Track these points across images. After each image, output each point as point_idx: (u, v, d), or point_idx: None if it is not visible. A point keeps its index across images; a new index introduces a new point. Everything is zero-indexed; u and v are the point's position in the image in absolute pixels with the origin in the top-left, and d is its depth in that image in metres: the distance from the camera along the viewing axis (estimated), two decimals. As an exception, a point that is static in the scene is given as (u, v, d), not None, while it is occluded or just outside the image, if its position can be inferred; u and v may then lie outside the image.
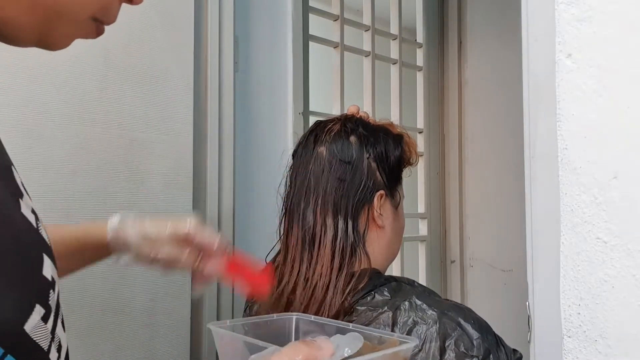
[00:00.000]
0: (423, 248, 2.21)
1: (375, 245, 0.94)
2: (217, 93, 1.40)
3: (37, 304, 0.43)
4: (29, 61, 1.06)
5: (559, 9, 0.72)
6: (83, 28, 0.54)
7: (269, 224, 1.04)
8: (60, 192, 1.10)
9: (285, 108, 1.63)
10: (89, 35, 0.56)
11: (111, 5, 0.55)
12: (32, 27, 0.51)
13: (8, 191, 0.45)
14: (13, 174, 0.47)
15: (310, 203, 0.92)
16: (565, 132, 0.71)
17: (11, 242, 0.42)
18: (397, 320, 0.83)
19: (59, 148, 1.10)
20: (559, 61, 0.71)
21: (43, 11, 0.50)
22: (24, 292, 0.42)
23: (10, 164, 0.48)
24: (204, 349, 1.33)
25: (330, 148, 0.94)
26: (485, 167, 2.26)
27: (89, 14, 0.53)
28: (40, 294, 0.44)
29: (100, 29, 0.57)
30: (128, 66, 1.20)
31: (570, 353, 0.69)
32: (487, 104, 2.27)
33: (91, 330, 1.13)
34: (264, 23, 1.61)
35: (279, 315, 0.76)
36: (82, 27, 0.54)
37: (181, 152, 1.29)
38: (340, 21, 1.85)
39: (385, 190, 0.94)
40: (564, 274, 0.70)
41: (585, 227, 0.68)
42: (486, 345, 0.80)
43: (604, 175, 0.68)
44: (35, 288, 0.43)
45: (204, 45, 1.38)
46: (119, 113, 1.19)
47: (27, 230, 0.45)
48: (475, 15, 2.32)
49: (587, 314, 0.68)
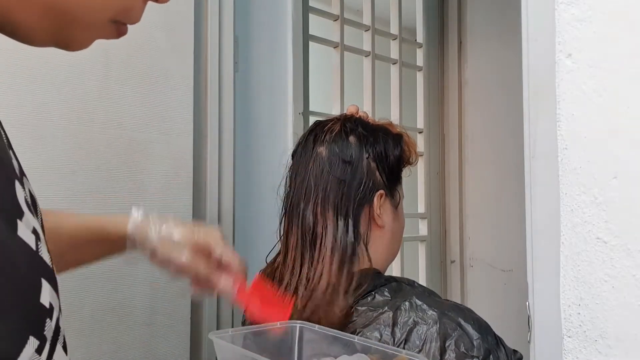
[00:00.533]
0: (423, 248, 2.21)
1: (375, 245, 0.94)
2: (217, 93, 1.40)
3: (31, 336, 0.40)
4: (29, 61, 1.06)
5: (559, 9, 0.72)
6: (102, 31, 0.52)
7: (269, 224, 1.04)
8: (60, 192, 1.10)
9: (285, 108, 1.63)
10: (109, 36, 0.54)
11: (133, 7, 0.53)
12: (46, 31, 0.49)
13: (2, 217, 0.41)
14: (15, 189, 0.44)
15: (309, 203, 0.92)
16: (565, 132, 0.71)
17: (2, 272, 0.39)
18: (398, 321, 0.83)
19: (59, 148, 1.10)
20: (559, 61, 0.71)
21: (57, 16, 0.48)
22: (17, 325, 0.40)
23: (14, 178, 0.45)
24: (204, 349, 1.33)
25: (329, 148, 0.94)
26: (485, 167, 2.26)
27: (108, 17, 0.51)
28: (36, 324, 0.42)
29: (122, 30, 0.54)
30: (128, 66, 1.20)
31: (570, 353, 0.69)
32: (487, 104, 2.27)
33: (91, 330, 1.13)
34: (264, 23, 1.61)
35: (283, 323, 0.75)
36: (101, 30, 0.52)
37: (181, 152, 1.29)
38: (340, 21, 1.85)
39: (385, 190, 0.94)
40: (564, 274, 0.70)
41: (585, 227, 0.68)
42: (486, 346, 0.80)
43: (604, 175, 0.67)
44: (31, 319, 0.41)
45: (204, 45, 1.38)
46: (119, 113, 1.19)
47: (24, 255, 0.42)
48: (475, 15, 2.32)
49: (587, 314, 0.68)
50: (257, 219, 1.53)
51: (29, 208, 0.45)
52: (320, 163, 0.93)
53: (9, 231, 0.41)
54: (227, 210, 1.41)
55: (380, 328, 0.82)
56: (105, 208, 1.16)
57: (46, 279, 0.43)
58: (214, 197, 1.38)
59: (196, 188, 1.34)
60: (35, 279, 0.42)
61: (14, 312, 0.39)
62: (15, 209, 0.43)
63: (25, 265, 0.42)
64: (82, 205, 1.12)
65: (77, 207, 1.11)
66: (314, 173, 0.93)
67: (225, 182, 1.41)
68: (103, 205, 1.16)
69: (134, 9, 0.53)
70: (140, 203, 1.21)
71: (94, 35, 0.52)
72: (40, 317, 0.42)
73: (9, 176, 0.44)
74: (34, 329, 0.41)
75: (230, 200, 1.42)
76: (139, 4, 0.53)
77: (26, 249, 0.42)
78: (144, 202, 1.22)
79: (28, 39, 0.50)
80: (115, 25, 0.53)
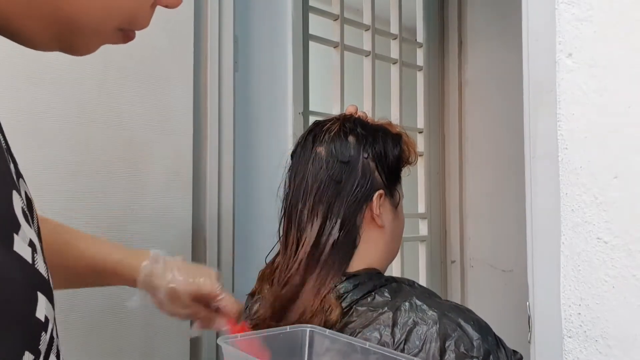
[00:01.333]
0: (423, 248, 2.21)
1: (375, 244, 0.94)
2: (217, 93, 1.39)
3: (27, 351, 0.40)
4: (29, 61, 1.06)
5: (559, 8, 0.72)
6: (108, 37, 0.52)
7: (269, 224, 1.04)
8: (60, 192, 1.10)
9: (285, 108, 1.63)
10: (116, 42, 0.53)
11: (139, 14, 0.52)
12: (51, 38, 0.48)
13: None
14: (12, 200, 0.43)
15: (308, 203, 0.92)
16: (566, 132, 0.71)
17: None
18: (398, 321, 0.82)
19: (59, 148, 1.10)
20: (560, 61, 0.71)
21: (62, 25, 0.47)
22: (13, 342, 0.39)
23: (12, 188, 0.44)
24: (204, 350, 1.33)
25: (328, 148, 0.93)
26: (485, 167, 2.26)
27: (113, 26, 0.51)
28: (31, 339, 0.41)
29: (130, 36, 0.54)
30: (128, 66, 1.20)
31: (571, 353, 0.69)
32: (487, 104, 2.27)
33: (91, 330, 1.13)
34: (264, 23, 1.61)
35: (292, 327, 0.76)
36: (107, 37, 0.52)
37: (181, 152, 1.29)
38: (340, 21, 1.85)
39: (385, 189, 0.94)
40: (564, 274, 0.70)
41: (585, 227, 0.68)
42: (486, 346, 0.80)
43: (604, 175, 0.67)
44: (26, 334, 0.41)
45: (203, 45, 1.38)
46: (119, 113, 1.19)
47: (20, 270, 0.42)
48: (476, 15, 2.31)
49: (588, 314, 0.68)
50: (257, 218, 1.53)
51: (25, 218, 0.44)
52: (319, 163, 0.93)
53: (5, 247, 0.41)
54: (227, 210, 1.41)
55: (380, 328, 0.82)
56: (105, 208, 1.16)
57: (42, 292, 0.43)
58: (214, 197, 1.38)
59: (196, 188, 1.33)
60: (31, 294, 0.42)
61: (10, 330, 0.39)
62: (11, 223, 0.42)
63: (21, 281, 0.41)
64: (82, 205, 1.12)
65: (77, 207, 1.11)
66: (313, 173, 0.93)
67: (225, 181, 1.41)
68: (103, 205, 1.15)
69: (141, 16, 0.52)
70: (140, 203, 1.21)
71: (101, 41, 0.52)
72: (36, 331, 0.42)
73: (6, 187, 0.43)
74: (29, 345, 0.41)
75: (230, 200, 1.42)
76: (145, 11, 0.53)
77: (22, 263, 0.42)
78: (144, 202, 1.22)
79: (31, 44, 0.49)
80: (122, 32, 0.53)
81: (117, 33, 0.52)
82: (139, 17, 0.52)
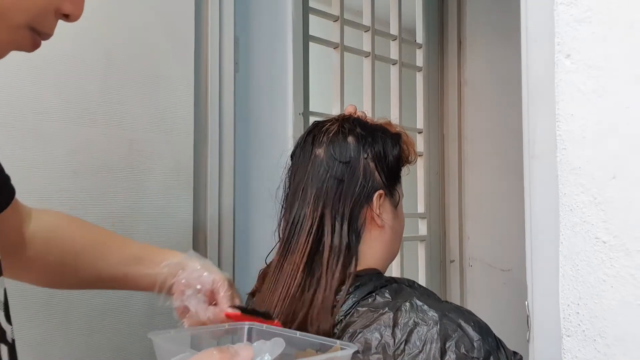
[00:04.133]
0: (422, 248, 2.22)
1: (375, 244, 0.94)
2: (217, 93, 1.40)
3: None
4: (30, 62, 1.06)
5: (557, 9, 0.72)
6: (18, 35, 0.53)
7: (269, 224, 1.04)
8: (60, 192, 1.10)
9: (285, 108, 1.63)
10: (23, 45, 0.55)
11: (46, 15, 0.54)
12: None
13: None
14: None
15: (308, 204, 0.92)
16: (564, 132, 0.71)
17: None
18: (398, 322, 0.83)
19: (59, 148, 1.10)
20: (558, 61, 0.72)
21: None
22: None
23: None
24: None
25: (328, 149, 0.94)
26: (485, 167, 2.26)
27: (26, 19, 0.52)
28: None
29: (37, 41, 0.55)
30: (128, 67, 1.20)
31: (569, 352, 0.69)
32: (486, 104, 2.27)
33: (91, 330, 1.13)
34: (264, 23, 1.61)
35: (231, 324, 0.77)
36: (18, 34, 0.53)
37: (181, 152, 1.30)
38: (340, 22, 1.85)
39: (385, 189, 0.94)
40: (563, 274, 0.70)
41: (584, 227, 0.69)
42: (487, 347, 0.80)
43: (603, 175, 0.68)
44: None
45: (204, 45, 1.38)
46: (119, 113, 1.19)
47: None
48: (475, 16, 2.32)
49: (586, 314, 0.68)
50: (258, 218, 1.53)
51: None
52: (318, 164, 0.93)
53: None
54: (227, 210, 1.41)
55: (381, 329, 0.83)
56: (106, 208, 1.16)
57: None
58: (214, 197, 1.38)
59: (196, 188, 1.34)
60: None
61: None
62: None
63: None
64: (82, 205, 1.13)
65: (77, 207, 1.11)
66: (312, 174, 0.93)
67: (225, 182, 1.41)
68: (103, 205, 1.16)
69: (47, 18, 0.54)
70: (140, 203, 1.22)
71: (10, 40, 0.53)
72: None
73: None
74: None
75: (230, 200, 1.42)
76: (50, 16, 0.54)
77: None
78: (144, 202, 1.23)
79: None
80: (31, 33, 0.54)
81: (26, 33, 0.54)
82: (46, 18, 0.54)
